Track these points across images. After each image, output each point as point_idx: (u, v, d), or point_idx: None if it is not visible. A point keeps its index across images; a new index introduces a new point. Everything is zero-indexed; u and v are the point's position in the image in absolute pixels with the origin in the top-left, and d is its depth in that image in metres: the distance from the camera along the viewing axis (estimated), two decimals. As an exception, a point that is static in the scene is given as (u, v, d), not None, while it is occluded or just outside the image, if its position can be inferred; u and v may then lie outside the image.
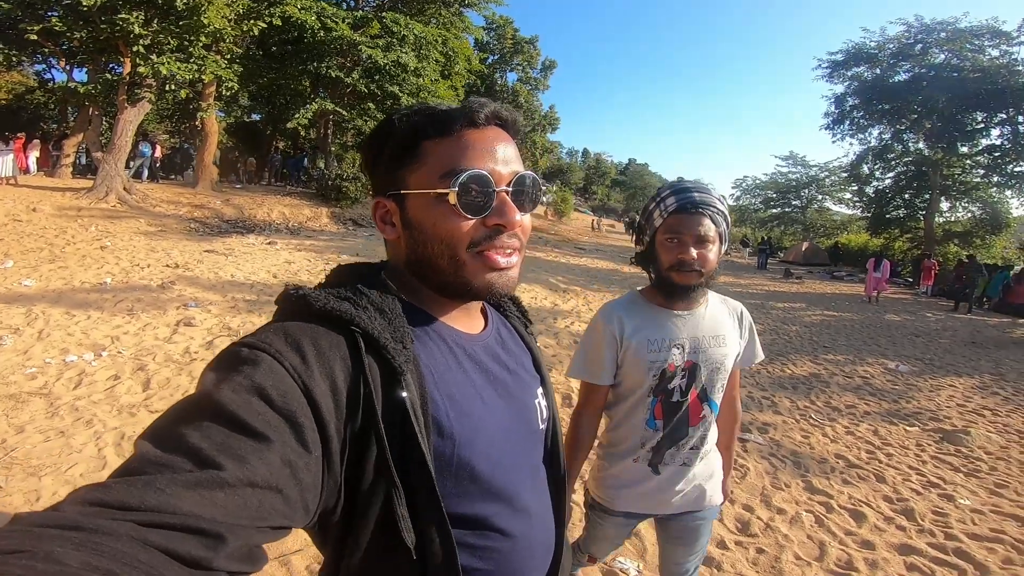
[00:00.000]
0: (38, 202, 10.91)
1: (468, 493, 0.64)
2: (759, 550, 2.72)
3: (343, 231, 14.96)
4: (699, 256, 1.35)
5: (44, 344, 4.53)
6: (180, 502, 0.41)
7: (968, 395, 5.99)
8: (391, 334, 0.60)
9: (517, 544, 0.70)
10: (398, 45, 16.88)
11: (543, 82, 31.77)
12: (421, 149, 0.66)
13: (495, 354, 0.75)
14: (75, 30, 12.20)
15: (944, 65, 20.77)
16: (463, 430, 0.64)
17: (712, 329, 1.45)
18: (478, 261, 0.67)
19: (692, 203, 1.36)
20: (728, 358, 1.45)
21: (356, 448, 0.57)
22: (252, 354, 0.53)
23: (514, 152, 0.71)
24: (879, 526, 3.04)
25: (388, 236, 0.72)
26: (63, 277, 6.76)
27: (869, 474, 3.72)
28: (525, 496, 0.72)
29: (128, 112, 13.01)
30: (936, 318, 11.93)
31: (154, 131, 23.46)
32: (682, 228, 1.36)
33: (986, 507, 3.37)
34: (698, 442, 1.47)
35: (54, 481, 2.70)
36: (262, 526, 0.46)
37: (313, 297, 0.60)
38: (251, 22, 13.69)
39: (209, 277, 7.52)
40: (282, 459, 0.49)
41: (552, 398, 0.83)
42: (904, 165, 24.74)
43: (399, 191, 0.68)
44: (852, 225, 33.71)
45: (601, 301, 9.65)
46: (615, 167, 72.60)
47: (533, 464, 0.78)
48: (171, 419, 0.49)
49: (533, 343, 0.87)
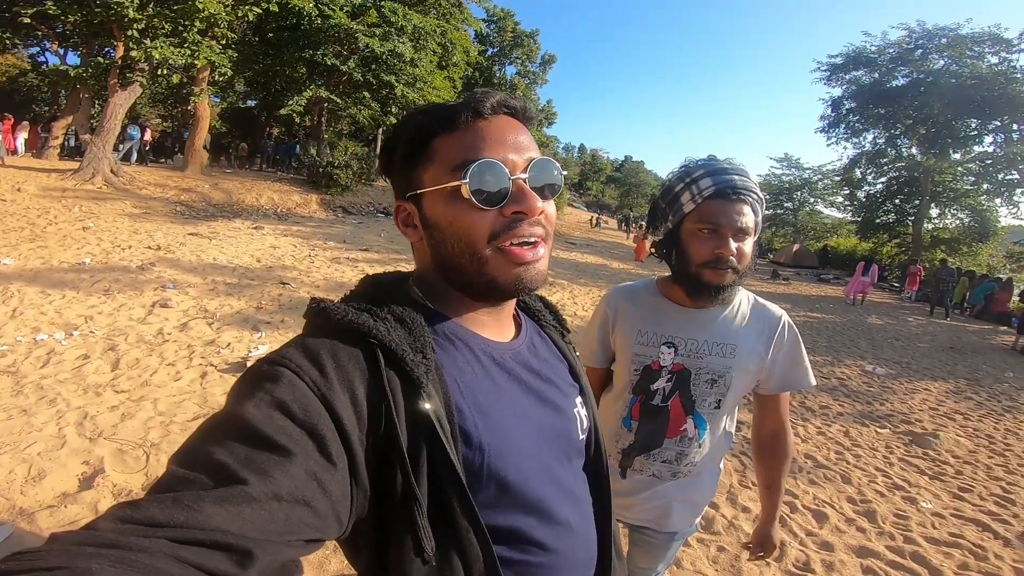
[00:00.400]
0: (23, 182, 10.77)
1: (501, 504, 0.63)
2: (720, 548, 2.73)
3: (332, 218, 14.88)
4: (737, 251, 1.18)
5: (16, 322, 4.49)
6: (207, 518, 0.42)
7: (941, 399, 6.06)
8: (411, 345, 0.60)
9: (557, 558, 0.68)
10: (395, 35, 16.77)
11: (542, 76, 31.67)
12: (432, 146, 0.65)
13: (527, 362, 0.73)
14: (69, 13, 12.09)
15: (943, 71, 20.84)
16: (492, 440, 0.62)
17: (721, 335, 1.26)
18: (501, 256, 0.64)
19: (733, 188, 1.17)
20: (733, 372, 1.25)
21: (382, 459, 0.56)
22: (273, 370, 0.54)
23: (528, 139, 0.68)
24: (840, 527, 3.07)
25: (412, 239, 0.71)
26: (42, 257, 6.69)
27: (836, 475, 3.75)
28: (564, 509, 0.69)
29: (119, 95, 12.88)
30: (918, 322, 12.05)
31: (147, 115, 23.25)
32: (721, 217, 1.16)
33: (947, 511, 3.41)
34: (674, 458, 1.31)
35: (11, 459, 2.66)
36: (292, 540, 0.46)
37: (332, 310, 0.61)
38: (247, 7, 13.55)
39: (191, 260, 7.46)
40: (307, 472, 0.49)
41: (593, 407, 0.81)
42: (896, 170, 24.87)
43: (415, 191, 0.67)
44: (842, 229, 33.91)
45: (588, 295, 9.69)
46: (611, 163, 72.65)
47: (573, 475, 0.75)
48: (198, 438, 0.50)
49: (570, 352, 0.84)
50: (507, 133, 0.66)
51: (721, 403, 1.28)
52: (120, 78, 12.82)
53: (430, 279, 0.71)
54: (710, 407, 1.28)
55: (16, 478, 2.55)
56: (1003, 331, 12.18)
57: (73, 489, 2.54)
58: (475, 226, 0.63)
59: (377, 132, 22.03)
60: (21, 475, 2.58)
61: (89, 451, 2.84)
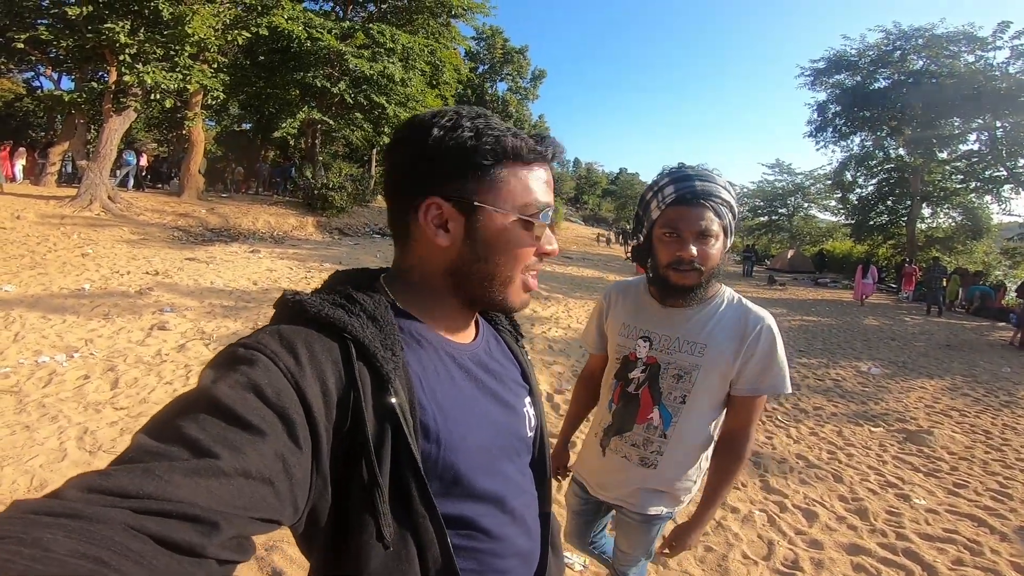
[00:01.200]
0: (22, 210, 10.87)
1: (453, 494, 0.67)
2: (707, 548, 2.77)
3: (328, 240, 14.97)
4: (699, 253, 1.24)
5: (19, 346, 4.55)
6: (177, 489, 0.42)
7: (937, 396, 6.11)
8: (382, 342, 0.62)
9: (502, 546, 0.72)
10: (385, 55, 17.01)
11: (533, 91, 32.01)
12: (498, 170, 0.69)
13: (483, 363, 0.78)
14: (62, 39, 12.26)
15: (922, 72, 21.11)
16: (449, 434, 0.66)
17: (693, 334, 1.32)
18: (520, 283, 0.74)
19: (693, 193, 1.24)
20: (700, 371, 1.30)
21: (345, 450, 0.59)
22: (249, 354, 0.55)
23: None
24: (830, 525, 3.10)
25: (440, 242, 0.69)
26: (42, 283, 6.76)
27: (827, 474, 3.79)
28: (510, 500, 0.74)
29: (113, 121, 13.00)
30: (914, 322, 12.10)
31: (142, 140, 23.47)
32: (681, 222, 1.24)
33: (942, 507, 3.43)
34: (641, 443, 1.38)
35: (14, 471, 2.79)
36: (254, 517, 0.48)
37: (309, 303, 0.63)
38: (236, 32, 13.77)
39: (188, 284, 7.53)
40: (275, 453, 0.50)
41: (540, 407, 0.86)
42: (886, 172, 25.07)
43: (471, 202, 0.68)
44: (837, 232, 34.06)
45: (583, 308, 9.74)
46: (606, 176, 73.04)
47: (520, 470, 0.80)
48: (169, 413, 0.50)
49: (522, 354, 0.90)
50: (552, 182, 0.76)
51: (687, 399, 1.32)
52: (114, 103, 12.94)
53: (413, 280, 0.74)
54: (676, 401, 1.34)
55: (19, 488, 2.67)
56: (1001, 327, 12.22)
57: None
58: (524, 254, 0.72)
59: (371, 152, 22.24)
60: (24, 485, 2.69)
61: (88, 463, 2.94)
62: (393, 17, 19.48)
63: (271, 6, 14.77)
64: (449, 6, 19.74)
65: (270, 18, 14.49)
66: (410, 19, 19.65)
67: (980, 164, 21.63)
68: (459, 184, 0.68)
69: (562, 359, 6.15)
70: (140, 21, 12.19)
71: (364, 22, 18.37)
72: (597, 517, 1.70)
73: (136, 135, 22.39)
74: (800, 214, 37.66)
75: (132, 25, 11.98)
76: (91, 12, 11.46)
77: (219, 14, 13.06)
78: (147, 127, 24.30)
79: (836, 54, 23.83)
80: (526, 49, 30.68)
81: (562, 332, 7.59)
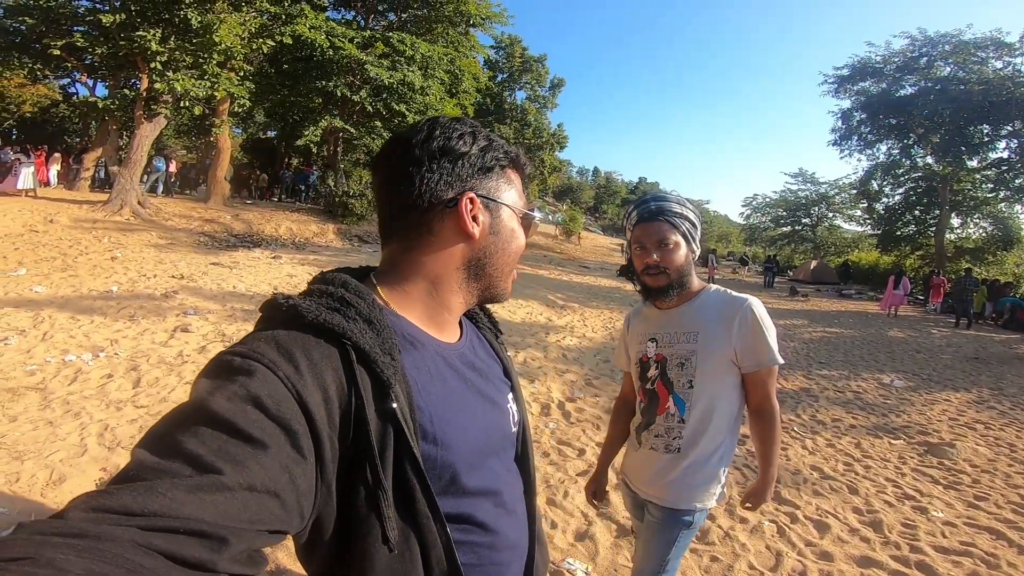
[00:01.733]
0: (55, 214, 11.28)
1: (450, 492, 0.69)
2: (713, 558, 2.74)
3: (348, 247, 15.20)
4: (662, 259, 1.48)
5: (47, 345, 4.73)
6: (182, 506, 0.42)
7: (962, 409, 5.95)
8: (380, 347, 0.63)
9: (498, 538, 0.75)
10: (404, 64, 17.26)
11: (552, 100, 32.04)
12: (512, 175, 0.81)
13: (470, 362, 0.80)
14: (96, 46, 12.67)
15: (950, 78, 20.72)
16: (445, 435, 0.67)
17: (687, 325, 1.52)
18: (511, 274, 0.83)
19: (649, 212, 1.50)
20: (697, 355, 1.48)
21: (349, 456, 0.59)
22: (246, 363, 0.54)
23: None
24: (842, 537, 3.04)
25: (475, 234, 0.75)
26: (72, 285, 7.00)
27: (842, 486, 3.72)
28: (502, 494, 0.77)
29: (144, 127, 13.42)
30: (941, 334, 11.78)
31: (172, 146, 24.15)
32: (644, 236, 1.51)
33: (960, 520, 3.35)
34: (663, 432, 1.54)
35: (35, 465, 2.88)
36: (262, 530, 0.47)
37: (304, 308, 0.61)
38: (261, 40, 14.14)
39: (211, 288, 7.72)
40: (280, 465, 0.50)
41: (522, 403, 0.89)
42: (913, 181, 24.58)
43: (495, 200, 0.77)
44: (863, 243, 33.38)
45: (599, 317, 9.73)
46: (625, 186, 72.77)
47: (508, 464, 0.83)
48: (166, 427, 0.50)
49: (503, 351, 0.93)
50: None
51: (693, 383, 1.50)
52: (145, 110, 13.34)
53: (419, 276, 0.75)
54: (685, 387, 1.51)
55: (38, 481, 2.75)
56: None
57: None
58: (522, 248, 0.84)
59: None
60: (43, 479, 2.78)
61: (107, 459, 3.04)
62: (413, 26, 19.76)
63: (295, 15, 15.14)
64: (468, 15, 19.96)
65: (294, 27, 14.84)
66: (430, 28, 19.91)
67: (1010, 172, 21.05)
68: (488, 184, 0.77)
69: (575, 367, 6.15)
70: (170, 29, 12.58)
71: (385, 31, 18.66)
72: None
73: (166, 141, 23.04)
74: (824, 224, 37.02)
75: (163, 33, 12.38)
76: (124, 20, 11.89)
77: (245, 23, 13.42)
78: (177, 134, 25.02)
79: (860, 61, 23.51)
80: (545, 58, 30.78)
81: (577, 341, 7.58)
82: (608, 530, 2.91)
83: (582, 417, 4.58)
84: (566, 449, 3.92)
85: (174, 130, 23.25)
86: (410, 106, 17.88)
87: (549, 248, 25.24)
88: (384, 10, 20.52)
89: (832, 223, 37.04)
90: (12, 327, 5.10)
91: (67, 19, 13.03)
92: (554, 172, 34.14)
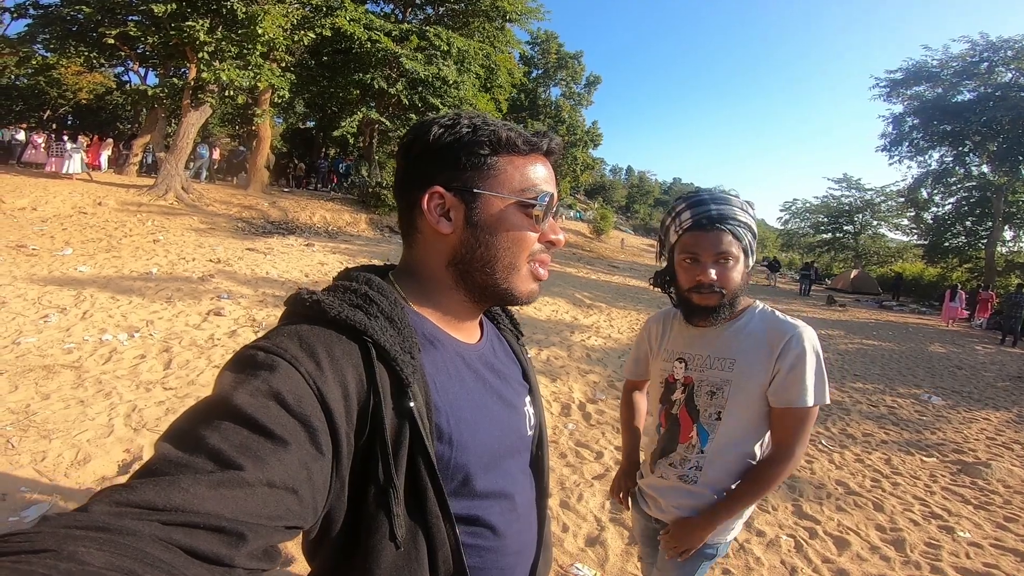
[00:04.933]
0: (104, 197, 11.79)
1: (461, 494, 0.68)
2: (724, 571, 2.67)
3: (379, 237, 15.43)
4: (719, 276, 1.26)
5: (86, 323, 4.94)
6: (203, 502, 0.43)
7: (1001, 429, 5.67)
8: (400, 345, 0.63)
9: (507, 542, 0.74)
10: (440, 58, 17.38)
11: (587, 97, 31.81)
12: (495, 160, 0.72)
13: (489, 363, 0.79)
14: (148, 35, 13.25)
15: (1011, 84, 19.69)
16: (460, 435, 0.67)
17: (723, 349, 1.33)
18: (527, 271, 0.75)
19: (709, 218, 1.26)
20: (731, 385, 1.30)
21: (363, 453, 0.60)
22: (269, 359, 0.55)
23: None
24: (861, 555, 2.94)
25: (443, 230, 0.72)
26: (115, 265, 7.31)
27: (867, 502, 3.59)
28: (515, 498, 0.76)
29: (191, 115, 13.92)
30: (985, 351, 11.23)
31: (216, 135, 24.97)
32: (699, 247, 1.27)
33: (987, 541, 3.22)
34: (679, 462, 1.37)
35: (61, 444, 2.96)
36: (279, 526, 0.48)
37: (327, 304, 0.62)
38: (303, 33, 14.48)
39: (245, 273, 7.95)
40: (299, 461, 0.51)
41: (540, 406, 0.88)
42: (966, 190, 23.50)
43: (470, 189, 0.71)
44: (907, 253, 32.08)
45: (625, 318, 9.62)
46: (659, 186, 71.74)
47: (521, 467, 0.82)
48: (190, 421, 0.50)
49: (523, 353, 0.91)
50: (554, 174, 0.79)
51: (722, 415, 1.31)
52: (192, 98, 13.87)
53: (425, 275, 0.75)
54: (711, 418, 1.33)
55: (63, 461, 2.83)
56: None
57: (112, 474, 2.80)
58: (526, 241, 0.74)
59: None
60: (68, 459, 2.86)
61: (132, 440, 3.11)
62: (450, 20, 19.90)
63: (335, 7, 15.45)
64: (504, 11, 19.97)
65: (334, 19, 15.13)
66: (466, 23, 20.02)
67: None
68: (459, 174, 0.71)
69: (599, 368, 6.09)
70: (218, 20, 13.03)
71: (422, 25, 18.82)
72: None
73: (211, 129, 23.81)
74: (868, 232, 35.68)
75: (211, 24, 12.83)
76: (175, 10, 12.36)
77: (288, 14, 13.76)
78: (221, 122, 25.84)
79: (916, 65, 22.53)
80: (581, 55, 30.56)
81: (602, 341, 7.51)
82: (620, 536, 2.87)
83: (602, 419, 4.54)
84: (584, 451, 3.88)
85: (219, 119, 24.01)
86: (444, 100, 17.99)
87: (579, 246, 25.06)
88: (422, 3, 20.71)
89: (876, 231, 35.69)
90: (54, 305, 5.35)
91: (121, 8, 13.57)
92: (587, 170, 33.89)
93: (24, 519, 2.33)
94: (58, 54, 16.06)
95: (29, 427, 3.08)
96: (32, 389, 3.55)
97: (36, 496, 2.52)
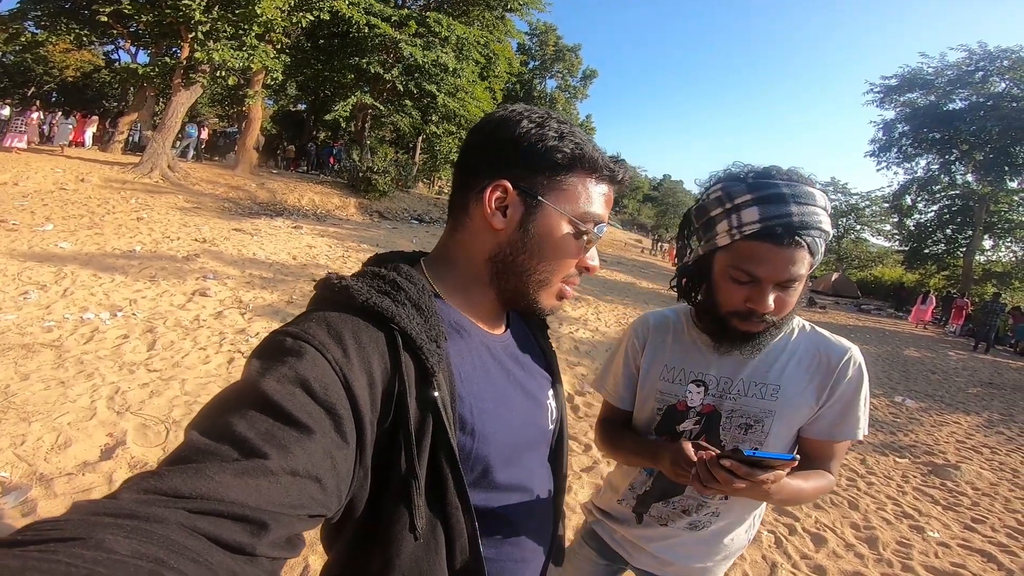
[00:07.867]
0: (87, 173, 11.54)
1: (481, 485, 0.68)
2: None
3: (368, 221, 15.31)
4: (777, 304, 0.95)
5: (66, 301, 4.85)
6: (228, 490, 0.43)
7: (971, 432, 5.85)
8: (427, 333, 0.62)
9: (523, 534, 0.75)
10: (439, 45, 17.23)
11: (582, 91, 31.75)
12: (570, 174, 0.71)
13: (514, 354, 0.79)
14: (142, 13, 12.98)
15: (1003, 94, 19.98)
16: (483, 426, 0.67)
17: (762, 374, 1.06)
18: (556, 290, 0.75)
19: (787, 227, 0.91)
20: (774, 418, 1.04)
21: (386, 442, 0.59)
22: (296, 344, 0.55)
23: None
24: (837, 552, 3.02)
25: (495, 224, 0.70)
26: (97, 243, 7.17)
27: (843, 501, 3.69)
28: (532, 490, 0.77)
29: (181, 95, 13.67)
30: (959, 357, 11.51)
31: (205, 114, 24.56)
32: (763, 265, 0.93)
33: (955, 541, 3.33)
34: (695, 508, 1.12)
35: (42, 427, 2.83)
36: (302, 514, 0.48)
37: (356, 290, 0.62)
38: (301, 15, 14.26)
39: (232, 253, 7.85)
40: (323, 450, 0.50)
41: (562, 400, 0.88)
42: (949, 198, 23.88)
43: (536, 196, 0.70)
44: (887, 258, 32.63)
45: (613, 312, 9.67)
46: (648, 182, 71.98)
47: (541, 461, 0.82)
48: (218, 408, 0.51)
49: (548, 345, 0.91)
50: (612, 202, 0.78)
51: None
52: (184, 78, 13.62)
53: (462, 263, 0.75)
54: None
55: (43, 445, 2.70)
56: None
57: (94, 459, 2.68)
58: (568, 262, 0.74)
59: (417, 140, 22.59)
60: (48, 442, 2.73)
61: (115, 424, 2.99)
62: (450, 7, 19.71)
63: (335, -11, 15.22)
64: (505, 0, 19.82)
65: (333, 2, 14.91)
66: (466, 10, 19.85)
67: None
68: (529, 176, 0.70)
69: (587, 361, 6.14)
70: (214, 0, 12.77)
71: (422, 10, 18.63)
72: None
73: (200, 109, 23.39)
74: (851, 236, 36.20)
75: (207, 3, 12.56)
76: (171, -12, 12.10)
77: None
78: (211, 102, 25.39)
79: (911, 71, 22.75)
80: (579, 48, 30.45)
81: (590, 334, 7.56)
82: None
83: (591, 412, 4.57)
84: (572, 444, 3.91)
85: (208, 98, 23.58)
86: (440, 87, 17.86)
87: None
88: (422, -11, 20.49)
89: (859, 236, 36.24)
90: (34, 281, 5.24)
91: (117, -15, 13.26)
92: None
93: (3, 505, 2.26)
94: (48, 31, 15.64)
95: (9, 409, 2.96)
96: (11, 369, 3.45)
97: (16, 480, 2.44)
